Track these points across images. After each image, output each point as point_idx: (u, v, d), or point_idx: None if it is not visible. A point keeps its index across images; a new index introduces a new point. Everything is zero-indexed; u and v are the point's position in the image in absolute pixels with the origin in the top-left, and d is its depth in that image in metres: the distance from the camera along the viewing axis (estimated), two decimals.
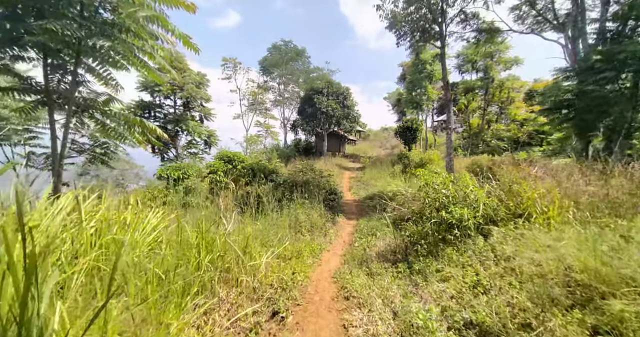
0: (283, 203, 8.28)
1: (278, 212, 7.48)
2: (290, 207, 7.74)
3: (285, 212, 7.43)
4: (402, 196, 10.01)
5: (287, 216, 7.07)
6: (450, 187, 4.49)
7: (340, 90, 23.63)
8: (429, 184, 4.79)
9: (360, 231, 7.87)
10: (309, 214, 7.42)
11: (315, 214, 7.72)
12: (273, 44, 30.82)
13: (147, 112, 16.68)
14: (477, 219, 3.88)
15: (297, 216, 6.92)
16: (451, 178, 4.65)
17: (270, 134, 23.86)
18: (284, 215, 7.06)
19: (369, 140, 46.74)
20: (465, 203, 4.32)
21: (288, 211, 7.46)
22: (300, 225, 6.64)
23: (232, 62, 17.11)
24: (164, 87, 15.33)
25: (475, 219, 3.86)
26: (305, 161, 15.08)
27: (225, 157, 13.68)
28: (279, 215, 7.24)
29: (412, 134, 20.72)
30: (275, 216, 7.05)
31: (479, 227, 3.93)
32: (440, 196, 4.54)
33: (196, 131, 17.71)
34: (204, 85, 18.53)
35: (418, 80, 22.24)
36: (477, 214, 3.92)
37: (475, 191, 4.39)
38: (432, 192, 4.71)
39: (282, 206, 8.16)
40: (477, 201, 4.12)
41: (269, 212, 7.00)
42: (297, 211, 7.29)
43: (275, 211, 7.35)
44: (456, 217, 3.90)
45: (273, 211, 7.18)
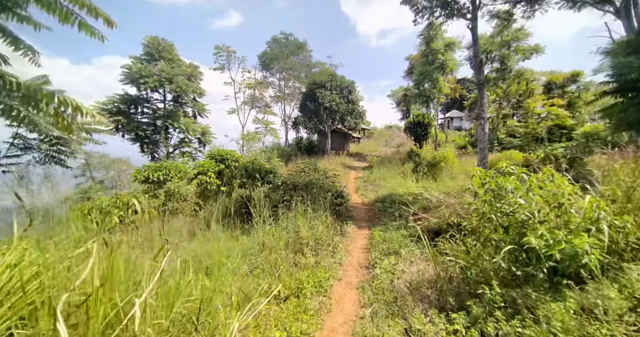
0: (280, 211, 6.71)
1: (273, 223, 5.90)
2: (288, 216, 6.15)
3: (283, 223, 5.85)
4: (424, 200, 8.40)
5: (285, 229, 5.49)
6: (537, 195, 2.84)
7: (344, 83, 22.00)
8: (493, 187, 3.16)
9: (376, 245, 6.27)
10: (313, 226, 5.83)
11: (321, 225, 6.13)
12: (273, 37, 29.21)
13: (134, 107, 15.19)
14: (600, 253, 2.26)
15: (297, 229, 5.33)
16: (544, 179, 2.99)
17: (269, 131, 22.30)
18: (280, 228, 5.48)
19: (374, 139, 44.98)
20: (562, 221, 2.71)
21: (286, 221, 5.87)
22: (302, 242, 5.04)
23: (226, 51, 15.64)
24: (150, 79, 13.82)
25: (600, 253, 2.24)
26: (307, 160, 13.49)
27: (218, 156, 12.12)
28: (275, 227, 5.66)
29: (423, 130, 19.03)
30: (269, 230, 5.47)
31: (601, 265, 2.32)
32: (517, 208, 2.91)
33: (189, 128, 16.18)
34: (196, 78, 17.00)
35: (428, 72, 20.51)
36: (602, 243, 2.30)
37: (577, 201, 2.75)
38: (498, 201, 3.08)
39: (279, 215, 6.59)
40: (591, 219, 2.49)
41: (261, 225, 5.43)
42: (298, 222, 5.69)
43: (269, 223, 5.77)
44: (567, 251, 2.27)
45: (266, 223, 5.60)
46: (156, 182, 8.63)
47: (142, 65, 14.13)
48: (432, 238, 5.86)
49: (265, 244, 4.80)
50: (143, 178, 8.47)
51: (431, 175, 16.88)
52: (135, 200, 7.14)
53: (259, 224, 5.45)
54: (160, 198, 8.57)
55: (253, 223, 5.42)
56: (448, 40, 19.99)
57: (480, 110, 7.30)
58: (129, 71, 14.21)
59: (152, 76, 14.04)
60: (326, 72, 23.43)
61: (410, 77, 32.93)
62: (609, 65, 7.56)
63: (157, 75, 14.15)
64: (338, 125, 26.30)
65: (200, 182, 10.82)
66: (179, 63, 15.30)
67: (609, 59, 8.30)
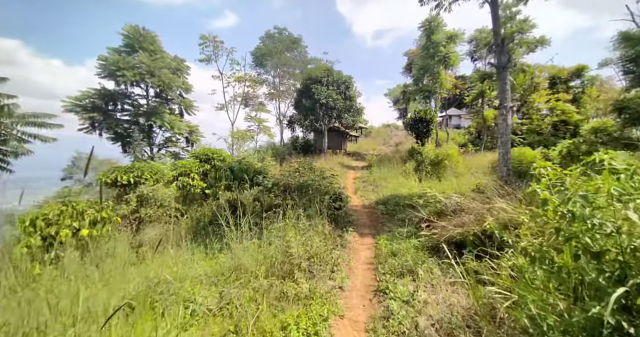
0: (269, 219, 5.56)
1: (256, 236, 4.75)
2: (277, 226, 5.00)
3: (270, 235, 4.70)
4: (437, 202, 7.30)
5: (272, 244, 4.34)
6: None
7: (341, 79, 20.89)
8: (588, 191, 2.02)
9: (384, 260, 5.17)
10: (307, 239, 4.69)
11: (317, 237, 5.00)
12: (266, 32, 28.04)
13: (112, 104, 13.89)
14: None
15: (287, 245, 4.19)
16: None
17: (263, 129, 21.10)
18: (266, 243, 4.34)
19: (371, 137, 44.07)
20: None
21: (275, 233, 4.73)
22: (292, 262, 3.90)
23: (212, 41, 14.43)
24: (129, 72, 12.56)
25: None
26: (302, 159, 12.35)
27: (203, 156, 10.95)
28: (259, 241, 4.51)
29: (425, 127, 17.99)
30: (250, 245, 4.32)
31: None
32: (625, 227, 1.81)
33: (174, 126, 14.93)
34: (182, 73, 15.76)
35: (429, 66, 19.51)
36: None
37: None
38: (591, 214, 1.96)
39: (268, 224, 5.45)
40: None
41: (239, 239, 4.27)
42: (288, 235, 4.55)
43: (252, 236, 4.62)
44: None
45: (245, 236, 4.45)
46: (126, 185, 7.45)
47: (120, 57, 12.85)
48: (455, 252, 4.78)
49: (242, 267, 3.65)
50: (110, 181, 7.27)
51: (435, 174, 15.92)
52: (94, 208, 5.95)
53: (236, 238, 4.29)
54: (132, 204, 7.37)
55: (229, 237, 4.25)
56: (450, 32, 18.99)
57: (502, 98, 6.25)
58: (105, 63, 12.92)
59: (131, 69, 12.77)
60: (322, 67, 22.33)
61: (409, 73, 32.00)
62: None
63: (137, 68, 12.89)
64: (335, 123, 25.20)
65: (182, 185, 9.63)
66: (162, 55, 14.05)
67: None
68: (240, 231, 4.33)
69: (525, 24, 19.09)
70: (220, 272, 3.89)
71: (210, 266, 4.27)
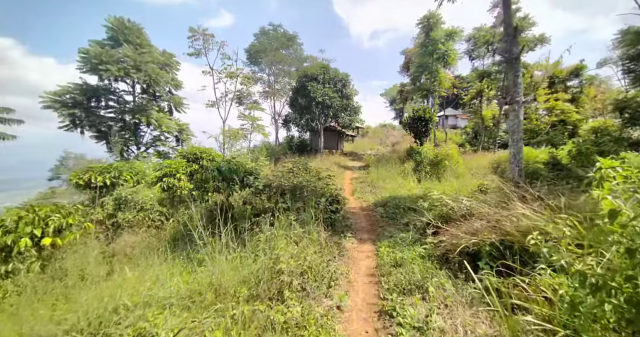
0: (257, 226, 4.96)
1: (243, 245, 4.14)
2: (266, 235, 4.38)
3: (258, 244, 4.10)
4: (443, 206, 6.75)
5: (259, 258, 3.72)
6: None
7: (338, 76, 20.31)
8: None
9: (387, 272, 4.60)
10: (300, 250, 4.09)
11: (312, 247, 4.40)
12: (261, 29, 27.38)
13: (95, 100, 13.07)
14: None
15: (275, 257, 3.57)
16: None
17: (257, 128, 20.38)
18: (251, 257, 3.72)
19: (368, 137, 43.68)
20: None
21: (263, 243, 4.12)
22: (282, 279, 3.29)
23: (202, 34, 13.67)
24: (113, 66, 11.77)
25: None
26: (297, 158, 11.75)
27: (190, 155, 10.26)
28: (244, 252, 3.90)
29: (424, 126, 17.49)
30: (232, 259, 3.71)
31: None
32: None
33: (162, 124, 14.17)
34: (171, 68, 15.00)
35: (428, 64, 19.06)
36: None
37: None
38: None
39: (256, 231, 4.86)
40: None
41: (215, 252, 3.65)
42: (279, 244, 3.94)
43: (234, 248, 4.00)
44: None
45: (228, 249, 3.83)
46: (103, 187, 6.75)
47: (103, 50, 12.03)
48: (469, 264, 4.22)
49: (220, 287, 3.03)
50: (83, 183, 6.56)
51: (434, 174, 15.49)
52: (61, 213, 5.26)
53: (217, 250, 3.66)
54: (108, 208, 6.67)
55: (206, 250, 3.62)
56: (449, 30, 18.56)
57: (514, 92, 5.71)
58: (86, 56, 12.09)
59: (115, 63, 11.99)
60: (318, 65, 21.73)
61: (406, 72, 31.60)
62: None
63: (121, 62, 12.10)
64: (331, 122, 24.63)
65: (167, 187, 8.94)
66: (149, 49, 13.27)
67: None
68: (221, 242, 3.70)
69: (524, 21, 18.76)
70: (198, 292, 3.27)
71: (187, 282, 3.64)
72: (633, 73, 15.63)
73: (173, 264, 5.17)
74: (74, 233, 5.35)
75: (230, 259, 3.60)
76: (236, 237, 4.88)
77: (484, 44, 21.64)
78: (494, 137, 21.69)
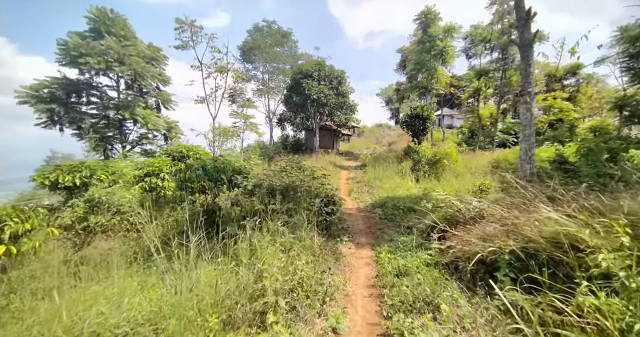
0: (240, 231, 4.35)
1: (220, 255, 3.54)
2: (247, 242, 3.79)
3: (242, 258, 3.50)
4: (448, 207, 6.22)
5: (239, 272, 3.12)
6: None
7: (333, 73, 19.77)
8: None
9: (390, 284, 4.06)
10: (290, 259, 3.50)
11: (304, 256, 3.81)
12: (254, 25, 26.69)
13: (75, 95, 12.27)
14: None
15: (259, 271, 2.98)
16: None
17: (250, 126, 19.69)
18: (228, 268, 3.12)
19: (364, 137, 43.31)
20: None
21: (245, 256, 3.52)
22: (266, 300, 2.69)
23: (190, 26, 12.89)
24: (93, 59, 11.01)
25: None
26: (290, 156, 11.15)
27: (176, 153, 9.60)
28: (221, 266, 3.30)
29: (421, 124, 17.05)
30: (209, 271, 3.11)
31: None
32: None
33: (148, 121, 13.43)
34: (159, 63, 14.26)
35: (425, 60, 18.62)
36: None
37: None
38: None
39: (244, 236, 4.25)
40: None
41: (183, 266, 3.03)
42: (264, 252, 3.35)
43: (211, 258, 3.40)
44: None
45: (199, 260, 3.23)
46: (73, 188, 6.07)
47: (83, 41, 11.23)
48: (483, 275, 3.68)
49: (192, 310, 2.42)
50: (49, 183, 5.86)
51: (432, 174, 15.08)
52: (19, 217, 4.58)
53: (184, 263, 3.05)
54: (78, 211, 5.99)
55: (159, 263, 3.01)
56: (447, 26, 18.17)
57: (526, 82, 5.22)
58: (65, 47, 11.29)
59: (96, 55, 11.23)
60: (313, 61, 21.17)
61: (402, 70, 31.24)
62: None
63: (103, 55, 11.34)
64: (327, 121, 24.09)
65: (149, 187, 8.27)
66: (134, 42, 12.51)
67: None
68: (195, 251, 3.09)
69: None
70: (162, 316, 2.66)
71: (151, 301, 3.01)
72: (632, 70, 15.41)
73: (149, 274, 4.54)
74: (33, 240, 4.67)
75: (206, 273, 3.00)
76: (220, 243, 4.29)
77: (481, 42, 21.32)
78: (491, 136, 21.39)
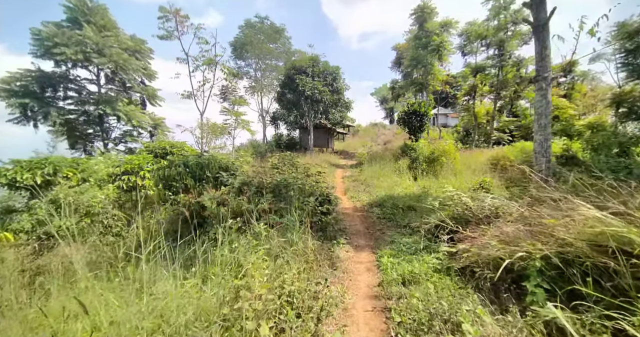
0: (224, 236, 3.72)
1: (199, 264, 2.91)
2: (229, 247, 3.17)
3: (220, 262, 2.88)
4: (456, 205, 5.67)
5: (214, 288, 2.50)
6: None
7: (328, 69, 19.19)
8: None
9: (396, 296, 3.49)
10: (279, 270, 2.88)
11: (295, 264, 3.20)
12: (246, 21, 25.95)
13: (52, 89, 11.39)
14: None
15: (235, 290, 2.35)
16: None
17: (241, 123, 18.92)
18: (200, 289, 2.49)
19: (359, 136, 42.96)
20: None
21: (218, 268, 2.90)
22: (242, 326, 2.07)
23: (175, 15, 12.04)
24: (69, 49, 10.16)
25: None
26: (282, 153, 10.52)
27: (159, 150, 8.89)
28: (192, 284, 2.67)
29: (419, 121, 16.58)
30: (169, 291, 2.47)
31: None
32: None
33: (132, 117, 12.62)
34: (144, 56, 13.44)
35: (421, 56, 18.20)
36: None
37: None
38: None
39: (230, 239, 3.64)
40: None
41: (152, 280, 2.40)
42: (245, 261, 2.72)
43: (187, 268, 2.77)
44: None
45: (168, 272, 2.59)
46: (34, 187, 5.34)
47: (59, 30, 10.35)
48: (509, 286, 3.11)
49: None
50: (5, 181, 5.13)
51: (431, 172, 14.66)
52: None
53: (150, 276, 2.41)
54: (38, 213, 5.26)
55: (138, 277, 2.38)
56: (444, 21, 17.79)
57: (541, 66, 4.71)
58: (39, 37, 10.39)
59: (73, 45, 10.38)
60: (307, 57, 20.55)
61: (398, 68, 30.89)
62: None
63: (80, 45, 10.49)
64: (321, 119, 23.51)
65: (127, 186, 7.55)
66: (115, 32, 11.67)
67: None
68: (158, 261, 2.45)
69: (520, 14, 18.19)
70: None
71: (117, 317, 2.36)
72: (630, 66, 15.23)
73: (112, 288, 3.87)
74: None
75: (174, 289, 2.36)
76: (200, 249, 3.65)
77: (476, 39, 21.00)
78: (487, 134, 21.11)
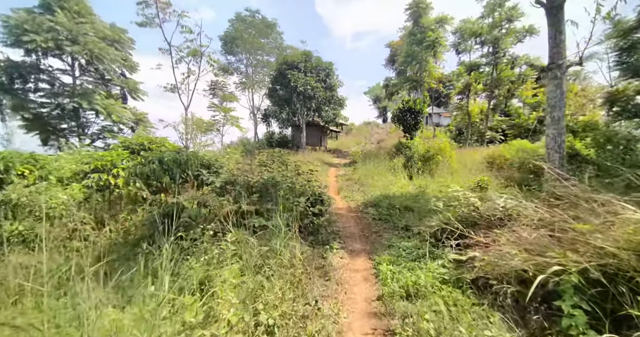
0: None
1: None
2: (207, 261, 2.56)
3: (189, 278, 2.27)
4: (463, 206, 5.15)
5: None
6: None
7: (321, 65, 18.60)
8: None
9: (400, 315, 2.95)
10: (256, 291, 2.29)
11: (279, 281, 2.61)
12: (237, 15, 25.07)
13: (22, 80, 10.43)
14: None
15: (189, 327, 1.75)
16: None
17: (230, 120, 18.14)
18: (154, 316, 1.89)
19: (352, 135, 42.62)
20: None
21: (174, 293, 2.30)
22: None
23: (156, 0, 11.19)
24: (40, 37, 9.25)
25: None
26: (272, 150, 9.89)
27: (136, 146, 8.15)
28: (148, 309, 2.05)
29: (413, 118, 16.19)
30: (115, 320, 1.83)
31: None
32: None
33: (111, 112, 11.75)
34: (123, 46, 12.56)
35: (416, 52, 17.81)
36: None
37: None
38: None
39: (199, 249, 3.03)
40: None
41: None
42: (217, 277, 2.11)
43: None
44: None
45: None
46: None
47: (29, 16, 9.45)
48: (539, 305, 2.60)
49: None
50: None
51: (426, 170, 14.30)
52: None
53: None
54: None
55: None
56: (439, 16, 17.44)
57: (555, 53, 4.25)
58: (8, 24, 9.43)
59: (43, 32, 9.48)
60: (300, 52, 19.91)
61: (392, 65, 30.55)
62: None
63: (52, 32, 9.58)
64: (314, 116, 22.92)
65: (97, 186, 6.81)
66: (90, 19, 10.76)
67: None
68: None
69: (514, 11, 18.01)
70: None
71: None
72: (624, 64, 15.17)
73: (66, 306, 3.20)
74: None
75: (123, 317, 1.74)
76: (169, 259, 3.02)
77: (471, 37, 20.78)
78: (481, 133, 20.95)
